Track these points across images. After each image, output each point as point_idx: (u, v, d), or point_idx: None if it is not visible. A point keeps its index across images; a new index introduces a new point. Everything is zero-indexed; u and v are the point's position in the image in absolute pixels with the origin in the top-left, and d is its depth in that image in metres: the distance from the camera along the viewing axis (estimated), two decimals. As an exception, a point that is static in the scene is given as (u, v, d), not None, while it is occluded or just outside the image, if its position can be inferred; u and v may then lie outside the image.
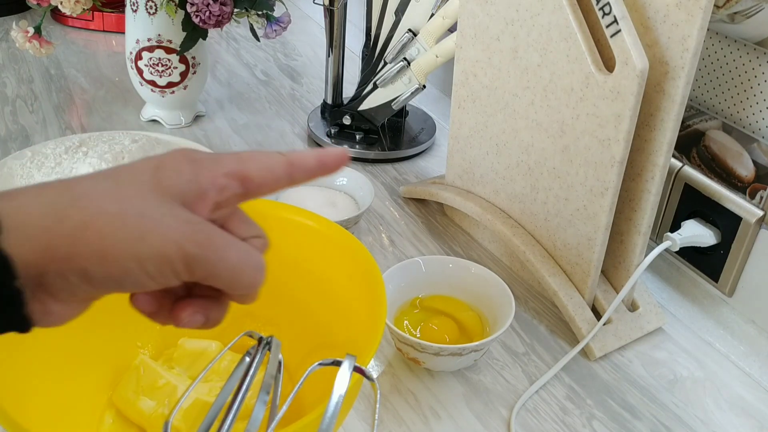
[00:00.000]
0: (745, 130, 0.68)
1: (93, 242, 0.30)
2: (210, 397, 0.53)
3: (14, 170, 0.79)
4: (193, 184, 0.33)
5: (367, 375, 0.45)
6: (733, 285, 0.71)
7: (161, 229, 0.31)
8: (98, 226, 0.30)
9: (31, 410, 0.49)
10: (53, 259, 0.30)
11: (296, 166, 0.36)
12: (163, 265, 0.31)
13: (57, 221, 0.30)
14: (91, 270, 0.31)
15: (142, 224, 0.31)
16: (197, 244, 0.32)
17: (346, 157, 0.38)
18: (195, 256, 0.32)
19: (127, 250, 0.31)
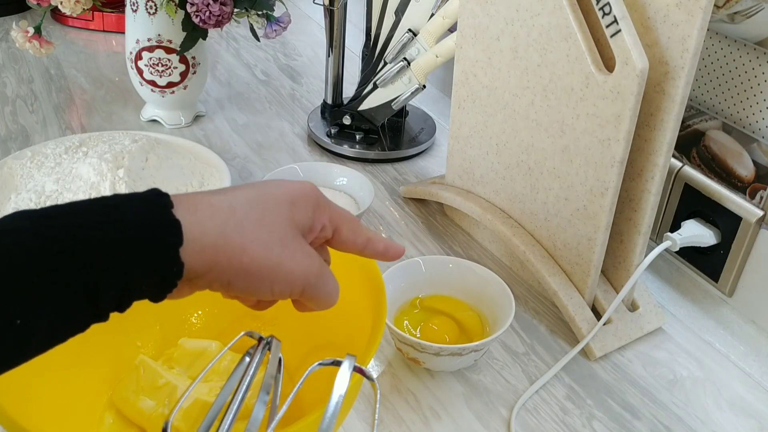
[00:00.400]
0: (745, 130, 0.68)
1: (245, 263, 0.38)
2: (210, 397, 0.53)
3: (14, 170, 0.79)
4: (310, 221, 0.42)
5: (367, 375, 0.45)
6: (733, 285, 0.71)
7: (293, 262, 0.40)
8: (252, 251, 0.38)
9: (31, 410, 0.49)
10: (212, 270, 0.38)
11: (371, 243, 0.46)
12: (286, 288, 0.40)
13: (224, 243, 0.38)
14: (234, 282, 0.39)
15: (281, 254, 0.39)
16: (315, 276, 0.41)
17: (403, 252, 0.48)
18: (313, 286, 0.41)
19: (267, 273, 0.39)
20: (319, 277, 0.41)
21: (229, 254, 0.38)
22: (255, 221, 0.39)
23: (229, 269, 0.38)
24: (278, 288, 0.40)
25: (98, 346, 0.57)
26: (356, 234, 0.45)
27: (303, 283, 0.40)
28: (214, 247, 0.37)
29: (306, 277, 0.40)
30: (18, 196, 0.75)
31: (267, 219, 0.40)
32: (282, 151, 1.01)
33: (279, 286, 0.40)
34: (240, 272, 0.38)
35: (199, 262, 0.37)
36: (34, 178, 0.77)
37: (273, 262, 0.39)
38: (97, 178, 0.74)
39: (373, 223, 0.86)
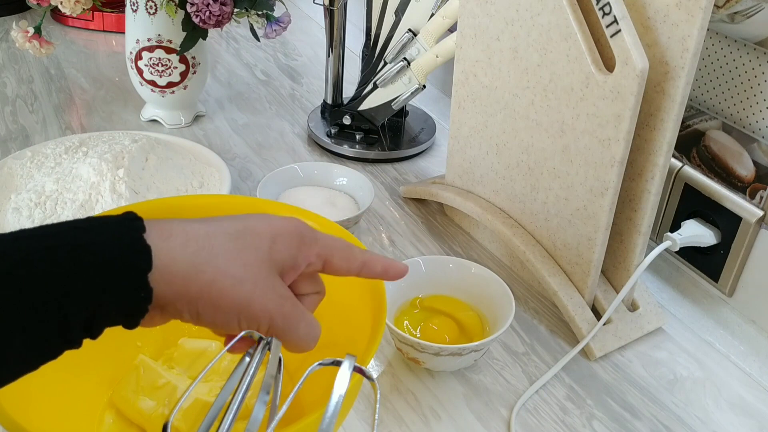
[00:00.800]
0: (745, 130, 0.68)
1: (214, 296, 0.38)
2: (210, 397, 0.53)
3: (14, 170, 0.79)
4: (293, 259, 0.42)
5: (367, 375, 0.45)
6: (733, 285, 0.71)
7: (264, 300, 0.40)
8: (223, 285, 0.38)
9: (31, 410, 0.49)
10: (181, 298, 0.38)
11: (367, 266, 0.45)
12: (253, 324, 0.40)
13: (195, 273, 0.38)
14: (203, 313, 0.39)
15: (252, 293, 0.39)
16: (283, 317, 0.41)
17: (406, 272, 0.47)
18: (278, 326, 0.41)
19: (235, 308, 0.39)
20: (287, 320, 0.41)
21: (200, 285, 0.38)
22: (230, 255, 0.39)
23: (199, 300, 0.38)
24: (245, 324, 0.40)
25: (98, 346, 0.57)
26: (349, 261, 0.45)
27: (268, 323, 0.40)
28: (184, 277, 0.37)
29: (272, 317, 0.40)
30: (18, 196, 0.75)
31: (244, 254, 0.39)
32: (282, 151, 1.01)
33: (246, 322, 0.40)
34: (209, 304, 0.38)
35: (169, 290, 0.37)
36: (34, 178, 0.77)
37: (243, 298, 0.39)
38: (97, 178, 0.75)
39: (373, 223, 0.86)
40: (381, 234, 0.85)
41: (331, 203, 0.84)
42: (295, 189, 0.86)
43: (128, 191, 0.74)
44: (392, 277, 0.47)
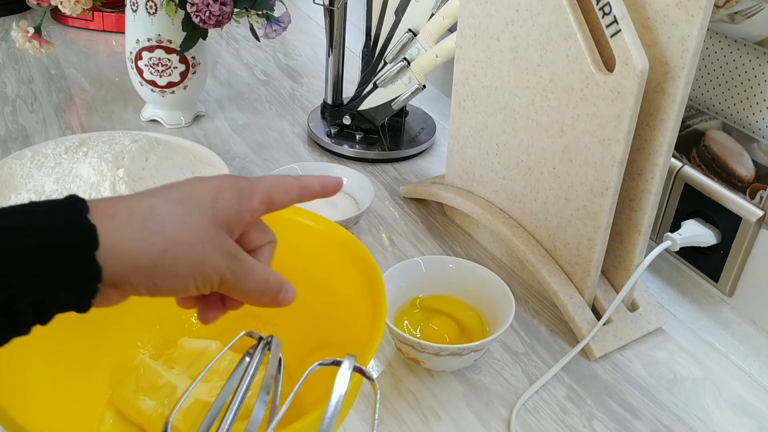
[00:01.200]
0: (745, 130, 0.68)
1: (168, 265, 0.39)
2: (210, 397, 0.53)
3: (14, 170, 0.79)
4: (237, 214, 0.43)
5: (367, 375, 0.45)
6: (733, 285, 0.71)
7: (213, 259, 0.41)
8: (173, 253, 0.39)
9: (31, 410, 0.49)
10: (134, 273, 0.38)
11: (305, 189, 0.47)
12: (208, 283, 0.41)
13: (146, 246, 0.38)
14: (160, 284, 0.39)
15: (203, 254, 0.40)
16: (232, 273, 0.42)
17: (341, 184, 0.49)
18: (228, 281, 0.42)
19: (189, 272, 0.40)
20: (236, 275, 0.42)
21: (152, 257, 0.38)
22: (177, 222, 0.40)
23: (153, 271, 0.38)
24: (201, 284, 0.41)
25: (98, 346, 0.58)
26: (289, 193, 0.46)
27: (221, 278, 0.41)
28: (134, 251, 0.38)
29: (222, 274, 0.41)
30: (18, 196, 0.75)
31: (189, 219, 0.40)
32: (282, 151, 1.01)
33: (201, 281, 0.41)
34: (164, 274, 0.39)
35: (120, 266, 0.37)
36: (34, 178, 0.77)
37: (195, 261, 0.40)
38: (97, 178, 0.75)
39: (373, 223, 0.86)
40: (381, 234, 0.85)
41: (331, 203, 0.84)
42: (295, 189, 0.86)
43: (128, 191, 0.74)
44: (330, 191, 0.48)
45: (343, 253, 0.58)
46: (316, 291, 0.60)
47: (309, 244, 0.60)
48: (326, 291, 0.59)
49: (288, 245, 0.61)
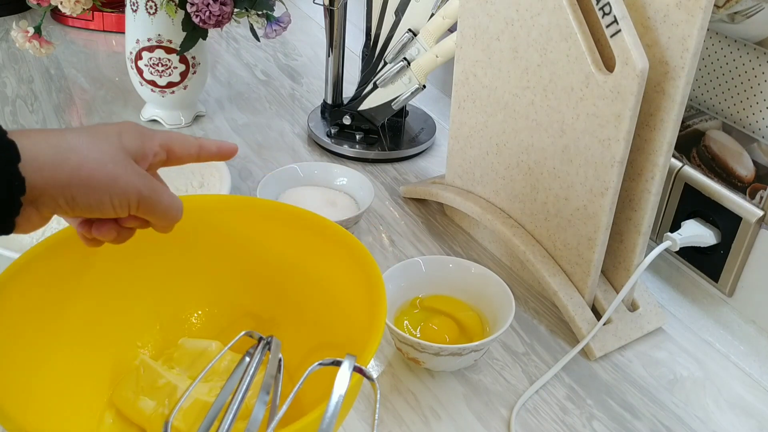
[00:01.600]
0: (745, 130, 0.68)
1: (84, 178, 0.42)
2: (210, 397, 0.53)
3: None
4: (141, 149, 0.47)
5: (367, 375, 0.45)
6: (733, 285, 0.71)
7: (127, 177, 0.44)
8: (89, 167, 0.42)
9: (31, 410, 0.49)
10: (54, 186, 0.41)
11: (203, 149, 0.52)
12: (124, 200, 0.44)
13: (61, 160, 0.41)
14: (78, 197, 0.42)
15: (116, 170, 0.44)
16: (148, 189, 0.46)
17: (236, 149, 0.53)
18: (145, 197, 0.45)
19: (105, 186, 0.43)
20: (152, 191, 0.46)
21: (68, 169, 0.41)
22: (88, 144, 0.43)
23: (70, 183, 0.42)
24: (117, 200, 0.44)
25: (98, 346, 0.58)
26: (188, 147, 0.51)
27: (137, 195, 0.45)
28: (52, 163, 0.41)
29: (138, 190, 0.45)
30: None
31: (99, 144, 0.44)
32: (282, 151, 1.01)
33: (117, 198, 0.44)
34: (81, 186, 0.42)
35: (40, 177, 0.40)
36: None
37: (109, 176, 0.43)
38: (97, 178, 0.74)
39: (373, 223, 0.86)
40: (381, 234, 0.85)
41: (331, 203, 0.84)
42: (295, 189, 0.86)
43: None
44: (225, 154, 0.53)
45: (343, 253, 0.58)
46: (316, 291, 0.60)
47: (309, 244, 0.60)
48: (326, 291, 0.60)
49: (288, 246, 0.61)
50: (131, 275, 0.60)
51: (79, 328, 0.56)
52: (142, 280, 0.60)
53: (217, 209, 0.62)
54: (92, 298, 0.57)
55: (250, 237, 0.62)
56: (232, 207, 0.63)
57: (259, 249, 0.62)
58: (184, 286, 0.63)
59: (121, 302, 0.59)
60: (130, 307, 0.60)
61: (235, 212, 0.62)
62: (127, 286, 0.60)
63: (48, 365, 0.53)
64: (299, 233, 0.61)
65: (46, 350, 0.53)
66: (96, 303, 0.58)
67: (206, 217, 0.62)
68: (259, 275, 0.63)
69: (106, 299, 0.58)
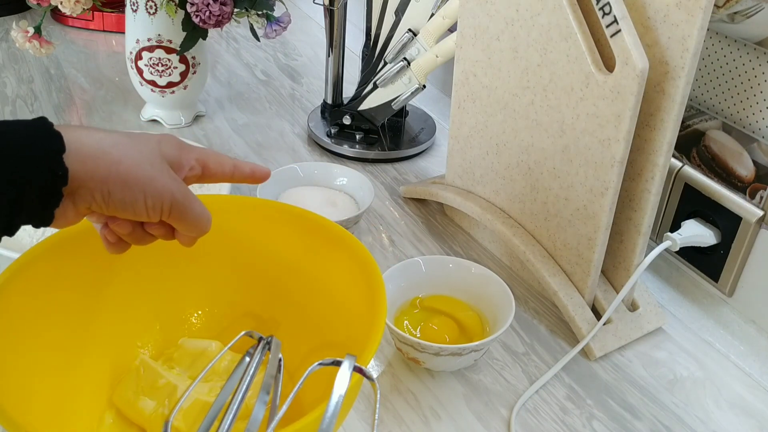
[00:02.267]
0: (745, 130, 0.68)
1: (122, 173, 0.43)
2: (210, 397, 0.53)
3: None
4: (178, 159, 0.48)
5: (367, 375, 0.46)
6: (733, 285, 0.71)
7: (163, 179, 0.45)
8: (127, 164, 0.43)
9: (31, 410, 0.49)
10: (93, 179, 0.42)
11: (238, 169, 0.53)
12: (158, 202, 0.45)
13: (103, 154, 0.43)
14: (114, 192, 0.43)
15: (153, 172, 0.45)
16: (182, 195, 0.46)
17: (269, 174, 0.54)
18: (179, 203, 0.46)
19: (141, 184, 0.44)
20: (186, 198, 0.46)
21: (108, 164, 0.42)
22: (128, 145, 0.44)
23: (108, 178, 0.42)
24: (150, 201, 0.44)
25: (98, 346, 0.58)
26: (223, 165, 0.51)
27: (171, 199, 0.45)
28: (94, 157, 0.42)
29: (172, 194, 0.45)
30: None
31: (138, 146, 0.45)
32: (282, 151, 1.01)
33: (151, 199, 0.44)
34: (118, 182, 0.43)
35: (82, 169, 0.41)
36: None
37: (146, 175, 0.44)
38: (97, 178, 0.74)
39: (373, 223, 0.86)
40: (381, 234, 0.85)
41: (331, 203, 0.84)
42: (295, 189, 0.86)
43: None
44: (259, 177, 0.54)
45: (343, 253, 0.58)
46: (316, 291, 0.60)
47: (309, 244, 0.60)
48: (326, 291, 0.60)
49: (288, 246, 0.61)
50: (131, 275, 0.60)
51: (79, 328, 0.56)
52: (142, 280, 0.60)
53: (217, 209, 0.62)
54: (92, 298, 0.57)
55: (250, 237, 0.62)
56: (232, 207, 0.63)
57: (259, 249, 0.62)
58: (184, 286, 0.63)
59: (121, 302, 0.59)
60: (130, 307, 0.60)
61: (235, 212, 0.62)
62: (127, 286, 0.60)
63: (48, 365, 0.53)
64: (299, 233, 0.61)
65: (46, 350, 0.53)
66: (96, 303, 0.58)
67: (206, 217, 0.62)
68: (259, 275, 0.63)
69: (106, 299, 0.58)
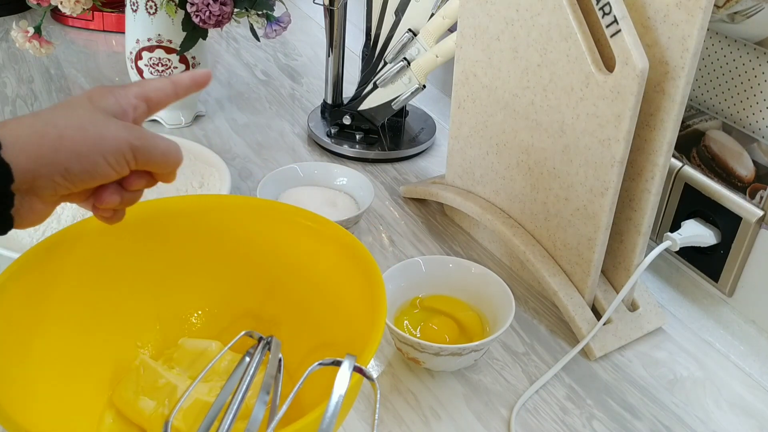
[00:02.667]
0: (745, 130, 0.68)
1: (69, 147, 0.41)
2: (210, 397, 0.53)
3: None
4: (117, 105, 0.46)
5: (367, 375, 0.46)
6: (733, 285, 0.71)
7: (112, 132, 0.43)
8: (70, 135, 0.42)
9: (31, 410, 0.49)
10: (42, 164, 0.40)
11: (178, 84, 0.50)
12: (119, 156, 0.43)
13: (40, 137, 0.41)
14: (71, 167, 0.42)
15: (98, 130, 0.43)
16: (138, 138, 0.44)
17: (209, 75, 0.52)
18: (139, 147, 0.44)
19: (93, 148, 0.42)
20: (143, 139, 0.44)
21: (51, 142, 0.41)
22: (62, 116, 0.43)
23: (58, 157, 0.41)
24: (111, 158, 0.43)
25: (98, 346, 0.58)
26: (163, 89, 0.49)
27: (129, 147, 0.43)
28: (33, 143, 0.40)
29: (129, 141, 0.43)
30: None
31: (72, 112, 0.43)
32: (282, 151, 1.01)
33: (110, 155, 0.43)
34: (70, 156, 0.41)
35: (25, 160, 0.40)
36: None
37: (93, 137, 0.42)
38: (97, 178, 0.74)
39: (373, 223, 0.86)
40: (381, 234, 0.85)
41: (331, 203, 0.84)
42: (295, 189, 0.86)
43: (128, 191, 0.74)
44: (200, 81, 0.51)
45: (343, 253, 0.58)
46: (316, 291, 0.60)
47: (309, 244, 0.60)
48: (326, 291, 0.60)
49: (288, 246, 0.61)
50: (131, 275, 0.60)
51: (78, 328, 0.56)
52: (142, 280, 0.60)
53: (217, 209, 0.62)
54: (92, 298, 0.57)
55: (250, 237, 0.62)
56: (232, 207, 0.63)
57: (259, 249, 0.62)
58: (184, 286, 0.63)
59: (121, 302, 0.59)
60: (130, 307, 0.60)
61: (235, 212, 0.62)
62: (127, 286, 0.60)
63: (48, 365, 0.53)
64: (299, 233, 0.61)
65: (46, 350, 0.53)
66: (96, 303, 0.58)
67: (206, 217, 0.62)
68: (259, 275, 0.63)
69: (107, 299, 0.58)
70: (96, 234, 0.57)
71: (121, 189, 0.46)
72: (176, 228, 0.61)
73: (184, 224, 0.62)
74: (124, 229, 0.56)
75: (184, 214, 0.62)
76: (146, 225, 0.60)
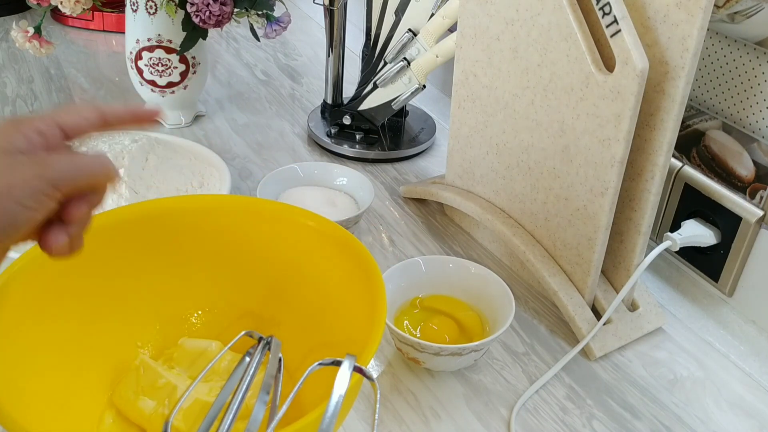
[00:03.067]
0: (745, 130, 0.68)
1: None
2: (210, 397, 0.53)
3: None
4: (23, 139, 0.41)
5: (367, 375, 0.46)
6: (733, 285, 0.71)
7: (19, 176, 0.38)
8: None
9: (31, 410, 0.49)
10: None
11: (108, 114, 0.45)
12: (36, 195, 0.38)
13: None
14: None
15: (4, 180, 0.38)
16: (52, 169, 0.39)
17: (158, 114, 0.47)
18: (56, 177, 0.39)
19: (4, 200, 0.38)
20: (57, 166, 0.39)
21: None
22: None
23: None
24: (29, 201, 0.38)
25: (98, 346, 0.58)
26: (83, 115, 0.43)
27: (43, 180, 0.39)
28: None
29: (39, 175, 0.39)
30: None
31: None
32: (282, 151, 1.01)
33: (27, 199, 0.38)
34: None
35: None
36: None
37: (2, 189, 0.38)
38: (97, 178, 0.74)
39: (373, 223, 0.86)
40: (381, 234, 0.85)
41: (331, 203, 0.84)
42: (295, 189, 0.86)
43: (128, 191, 0.74)
44: (142, 117, 0.46)
45: (343, 253, 0.58)
46: (316, 291, 0.60)
47: (309, 244, 0.60)
48: (326, 291, 0.60)
49: (288, 246, 0.61)
50: (131, 275, 0.60)
51: (79, 328, 0.56)
52: (142, 279, 0.60)
53: (217, 209, 0.63)
54: (92, 298, 0.57)
55: (249, 237, 0.62)
56: (232, 207, 0.63)
57: (259, 249, 0.62)
58: (184, 286, 0.63)
59: (121, 302, 0.59)
60: (130, 307, 0.60)
61: (235, 212, 0.62)
62: (127, 286, 0.60)
63: (48, 365, 0.53)
64: (299, 233, 0.61)
65: (46, 350, 0.53)
66: (96, 303, 0.58)
67: (206, 217, 0.62)
68: (259, 275, 0.63)
69: (106, 299, 0.58)
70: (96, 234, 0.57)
71: (63, 225, 0.42)
72: (176, 228, 0.61)
73: (184, 224, 0.62)
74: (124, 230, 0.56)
75: (184, 214, 0.62)
76: (146, 225, 0.60)
